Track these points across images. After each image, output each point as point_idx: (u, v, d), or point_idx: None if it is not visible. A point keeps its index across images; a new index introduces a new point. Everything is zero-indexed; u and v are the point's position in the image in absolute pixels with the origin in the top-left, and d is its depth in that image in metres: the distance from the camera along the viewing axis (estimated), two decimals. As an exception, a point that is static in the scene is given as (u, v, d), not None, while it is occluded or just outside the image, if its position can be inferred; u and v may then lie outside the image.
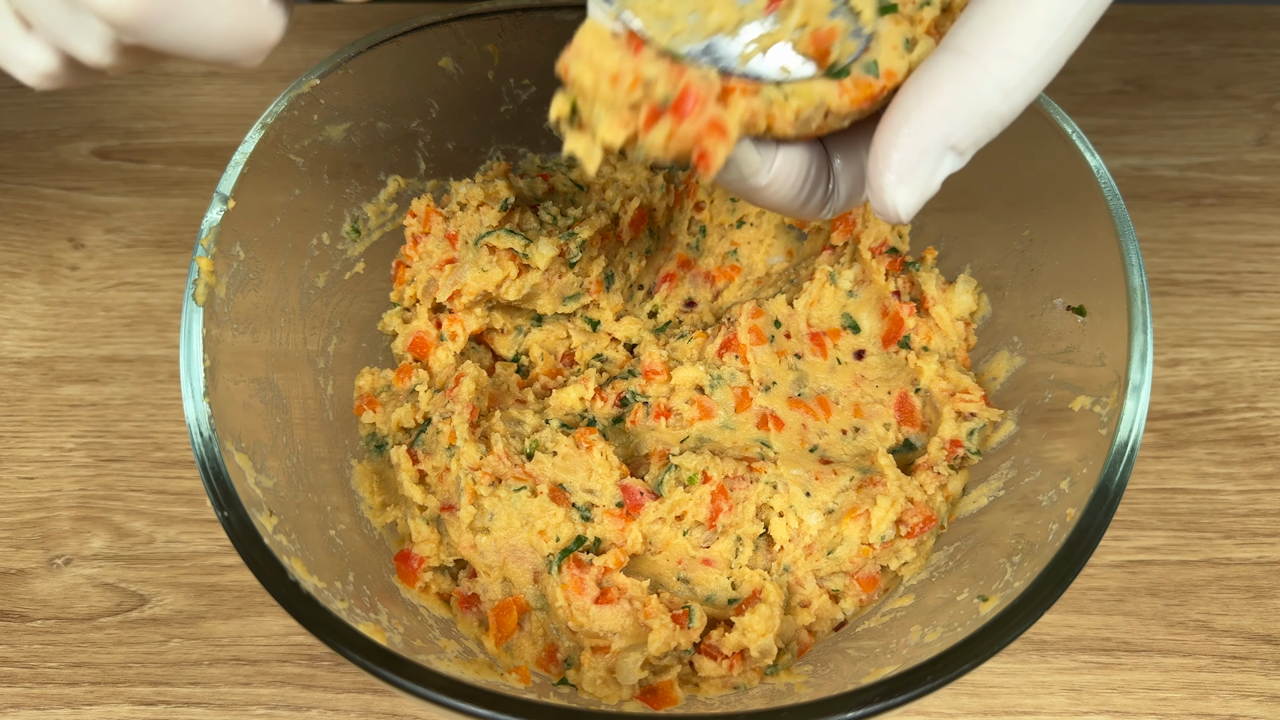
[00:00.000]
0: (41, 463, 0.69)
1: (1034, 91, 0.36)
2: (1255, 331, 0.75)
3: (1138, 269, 0.51)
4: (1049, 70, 0.36)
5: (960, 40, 0.36)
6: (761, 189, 0.40)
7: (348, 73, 0.59)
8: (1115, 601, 0.64)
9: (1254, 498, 0.68)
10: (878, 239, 0.66)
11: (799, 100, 0.37)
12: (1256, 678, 0.61)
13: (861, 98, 0.38)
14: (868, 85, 0.38)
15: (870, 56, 0.38)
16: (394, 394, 0.64)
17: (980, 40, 0.36)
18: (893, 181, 0.37)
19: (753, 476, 0.56)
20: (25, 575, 0.65)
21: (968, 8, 0.37)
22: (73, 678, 0.61)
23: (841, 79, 0.39)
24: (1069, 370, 0.55)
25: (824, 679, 0.51)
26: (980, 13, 0.36)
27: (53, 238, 0.80)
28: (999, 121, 0.37)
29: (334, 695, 0.61)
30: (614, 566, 0.54)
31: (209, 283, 0.52)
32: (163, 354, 0.74)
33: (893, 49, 0.38)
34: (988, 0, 0.36)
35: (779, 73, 0.41)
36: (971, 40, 0.36)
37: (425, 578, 0.57)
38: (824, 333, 0.64)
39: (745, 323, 0.63)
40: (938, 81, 0.36)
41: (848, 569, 0.57)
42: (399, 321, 0.66)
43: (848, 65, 0.39)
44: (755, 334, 0.63)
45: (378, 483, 0.61)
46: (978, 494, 0.58)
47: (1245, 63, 0.91)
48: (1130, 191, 0.82)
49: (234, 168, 0.54)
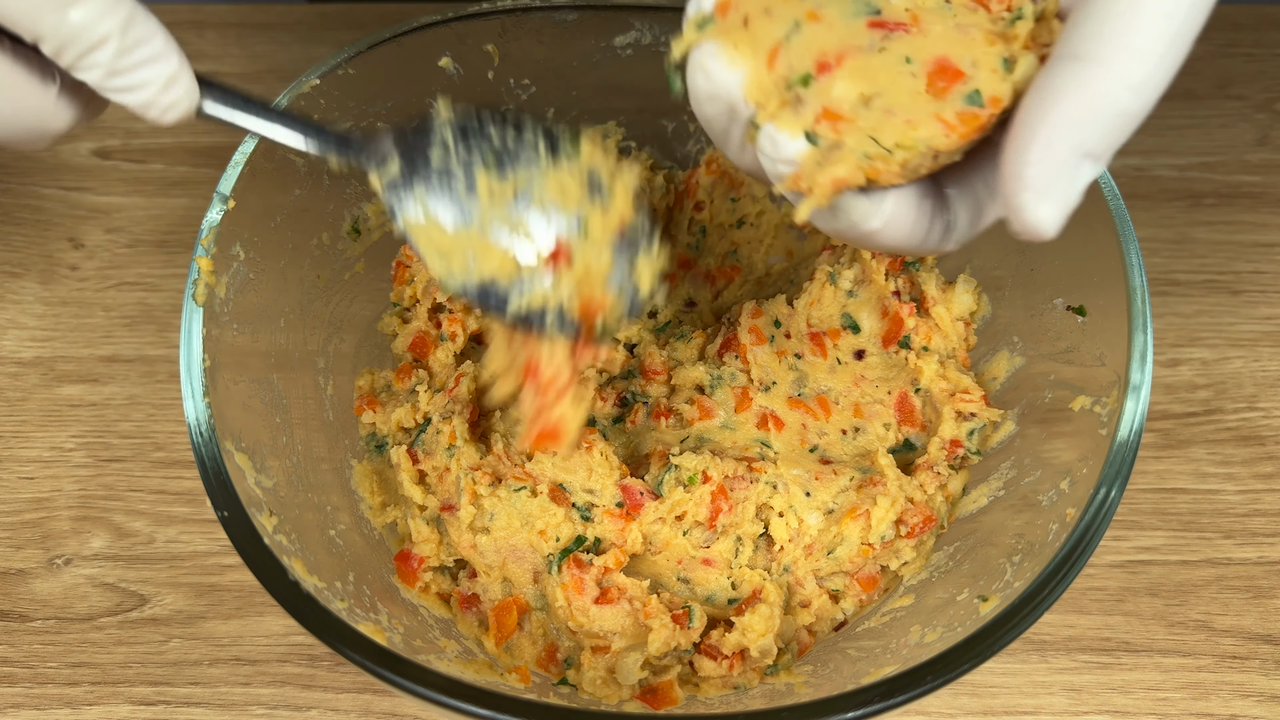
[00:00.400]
0: (41, 463, 0.69)
1: (1162, 86, 0.35)
2: (1255, 331, 0.75)
3: (1138, 269, 0.51)
4: (1173, 63, 0.35)
5: (1074, 46, 0.35)
6: (875, 233, 0.39)
7: (348, 73, 0.59)
8: (1115, 601, 0.64)
9: (1254, 498, 0.68)
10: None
11: (904, 153, 0.36)
12: (1256, 678, 0.61)
13: (970, 131, 0.37)
14: (974, 117, 0.37)
15: (968, 87, 0.37)
16: (394, 394, 0.64)
17: (1097, 42, 0.35)
18: (1032, 200, 0.35)
19: (753, 476, 0.56)
20: (25, 575, 0.65)
21: (1074, 14, 0.36)
22: (73, 678, 0.61)
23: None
24: (1069, 370, 0.55)
25: (824, 679, 0.51)
26: (1091, 15, 0.35)
27: (53, 238, 0.80)
28: (1132, 120, 0.36)
29: (334, 695, 0.61)
30: (614, 566, 0.54)
31: (209, 283, 0.52)
32: (163, 354, 0.74)
33: (992, 73, 0.37)
34: (1097, 2, 0.35)
35: None
36: (1087, 44, 0.35)
37: (425, 578, 0.57)
38: (824, 333, 0.64)
39: (745, 323, 0.63)
40: (1060, 90, 0.35)
41: (848, 569, 0.57)
42: (399, 321, 0.66)
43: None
44: (755, 334, 0.63)
45: (378, 483, 0.61)
46: (978, 494, 0.58)
47: (1245, 63, 0.91)
48: (1130, 191, 0.82)
49: (234, 168, 0.54)
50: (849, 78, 0.38)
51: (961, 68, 0.37)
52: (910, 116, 0.37)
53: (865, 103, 0.37)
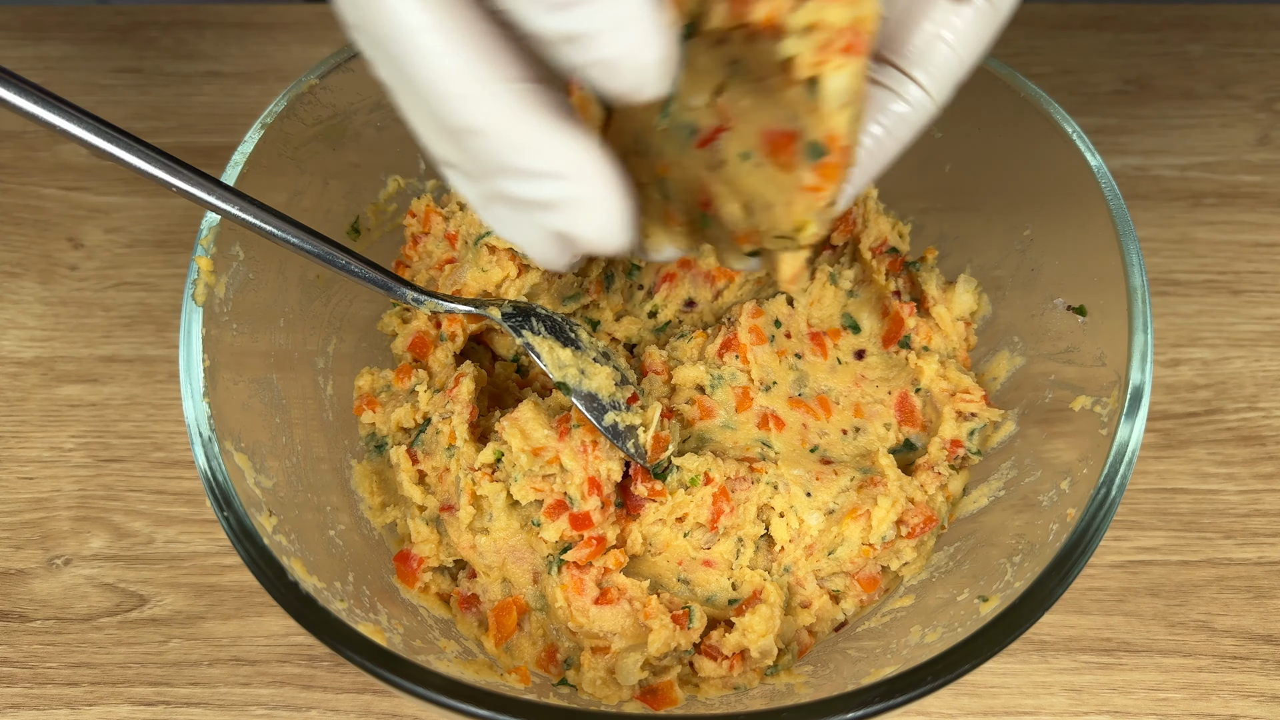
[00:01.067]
0: (41, 463, 0.69)
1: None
2: (1256, 331, 0.75)
3: (1138, 269, 0.51)
4: None
5: None
6: None
7: (348, 73, 0.59)
8: (1116, 602, 0.64)
9: (1254, 498, 0.68)
10: (878, 239, 0.65)
11: (811, 229, 0.37)
12: (1257, 678, 0.61)
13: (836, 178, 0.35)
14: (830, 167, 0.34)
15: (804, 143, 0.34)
16: (394, 394, 0.64)
17: None
18: None
19: (754, 477, 0.56)
20: (25, 575, 0.65)
21: None
22: (72, 678, 0.61)
23: None
24: (1069, 370, 0.55)
25: (824, 679, 0.51)
26: None
27: (52, 237, 0.80)
28: None
29: (334, 695, 0.61)
30: (614, 567, 0.54)
31: (208, 283, 0.52)
32: (162, 354, 0.74)
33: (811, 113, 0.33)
34: None
35: None
36: None
37: (425, 578, 0.57)
38: (824, 332, 0.64)
39: (745, 323, 0.63)
40: None
41: (848, 569, 0.56)
42: (398, 321, 0.66)
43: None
44: (755, 334, 0.63)
45: (377, 483, 0.61)
46: (978, 494, 0.58)
47: (1246, 62, 0.90)
48: (1131, 191, 0.82)
49: (234, 167, 0.54)
50: (724, 203, 0.39)
51: (788, 128, 0.35)
52: (784, 200, 0.36)
53: (749, 213, 0.38)
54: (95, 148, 0.43)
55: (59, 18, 0.92)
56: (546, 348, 0.54)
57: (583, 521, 0.53)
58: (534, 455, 0.53)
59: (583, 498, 0.52)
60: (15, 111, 0.41)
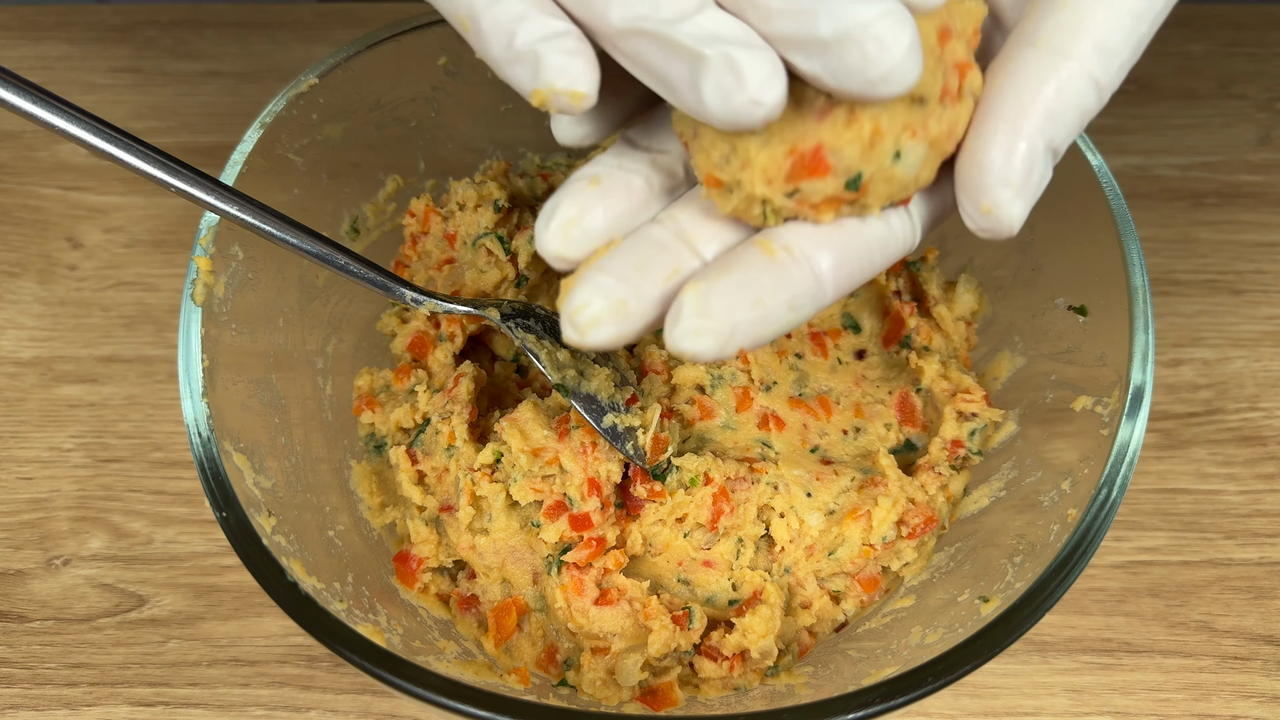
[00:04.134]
0: (40, 463, 0.69)
1: (1114, 89, 0.34)
2: (1257, 331, 0.75)
3: (1139, 269, 0.51)
4: (1130, 65, 0.34)
5: (1045, 35, 0.33)
6: None
7: (347, 72, 0.59)
8: (1116, 602, 0.64)
9: (1255, 498, 0.68)
10: (878, 238, 0.65)
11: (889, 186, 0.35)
12: (1258, 678, 0.61)
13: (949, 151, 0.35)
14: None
15: None
16: (393, 394, 0.63)
17: (1071, 35, 0.33)
18: (1009, 196, 0.34)
19: (754, 477, 0.56)
20: (24, 576, 0.65)
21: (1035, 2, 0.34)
22: (71, 678, 0.61)
23: None
24: (1070, 370, 0.55)
25: (825, 680, 0.51)
26: (1061, 5, 0.33)
27: (51, 237, 0.80)
28: (1089, 117, 0.34)
29: (333, 696, 0.61)
30: (614, 568, 0.54)
31: (207, 283, 0.52)
32: (161, 354, 0.74)
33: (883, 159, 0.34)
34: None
35: None
36: (1060, 35, 0.33)
37: (424, 579, 0.57)
38: (825, 332, 0.64)
39: (745, 323, 0.62)
40: (1036, 84, 0.33)
41: (849, 570, 0.56)
42: (397, 321, 0.66)
43: None
44: (755, 334, 0.62)
45: (376, 483, 0.61)
46: (979, 494, 0.58)
47: (1247, 62, 0.90)
48: (1131, 191, 0.82)
49: (233, 167, 0.54)
50: None
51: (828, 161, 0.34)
52: None
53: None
54: (94, 148, 0.42)
55: (57, 17, 0.92)
56: (545, 349, 0.54)
57: (582, 522, 0.52)
58: (533, 456, 0.53)
59: (582, 498, 0.52)
60: (14, 111, 0.41)
